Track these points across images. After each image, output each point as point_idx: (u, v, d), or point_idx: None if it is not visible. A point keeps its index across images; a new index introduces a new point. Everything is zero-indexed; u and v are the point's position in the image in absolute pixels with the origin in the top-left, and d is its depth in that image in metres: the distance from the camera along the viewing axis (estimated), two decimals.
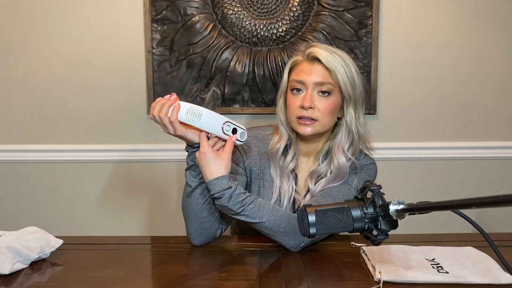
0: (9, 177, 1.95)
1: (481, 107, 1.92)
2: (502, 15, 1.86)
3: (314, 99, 1.14)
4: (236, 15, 1.83)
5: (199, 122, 1.02)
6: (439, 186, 1.97)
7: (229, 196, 1.03)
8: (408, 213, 0.78)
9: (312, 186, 1.21)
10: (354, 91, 1.16)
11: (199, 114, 1.01)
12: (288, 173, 1.22)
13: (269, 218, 1.07)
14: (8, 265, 0.95)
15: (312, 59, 1.15)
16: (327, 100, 1.15)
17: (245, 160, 1.23)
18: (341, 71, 1.14)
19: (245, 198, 1.06)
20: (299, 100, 1.15)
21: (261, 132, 1.27)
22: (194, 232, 1.13)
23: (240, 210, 1.05)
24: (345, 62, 1.15)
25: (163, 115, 1.02)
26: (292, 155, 1.22)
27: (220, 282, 0.95)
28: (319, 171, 1.21)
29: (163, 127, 1.04)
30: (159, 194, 1.97)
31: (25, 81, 1.89)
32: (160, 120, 1.03)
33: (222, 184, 1.03)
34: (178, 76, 1.87)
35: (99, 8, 1.84)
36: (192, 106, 1.01)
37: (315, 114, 1.14)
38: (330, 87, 1.14)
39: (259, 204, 1.07)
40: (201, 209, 1.11)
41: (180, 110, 1.01)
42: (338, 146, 1.19)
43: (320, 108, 1.14)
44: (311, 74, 1.14)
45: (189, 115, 1.01)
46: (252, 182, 1.24)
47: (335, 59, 1.14)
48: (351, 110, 1.18)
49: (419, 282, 0.91)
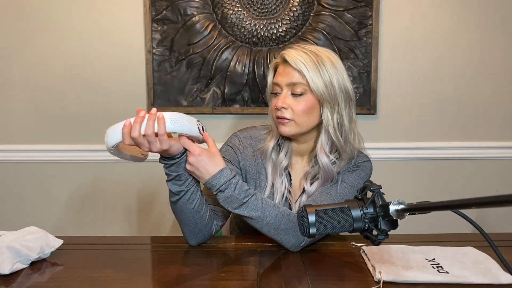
0: (9, 177, 1.95)
1: (481, 107, 1.92)
2: (503, 15, 1.86)
3: (288, 100, 1.15)
4: (236, 15, 1.83)
5: (182, 127, 0.96)
6: (439, 186, 1.97)
7: (235, 184, 1.04)
8: (408, 213, 0.78)
9: (308, 187, 1.21)
10: (328, 90, 1.13)
11: (180, 119, 0.95)
12: (281, 170, 1.22)
13: (270, 212, 1.07)
14: (8, 265, 0.95)
15: (284, 60, 1.16)
16: (300, 100, 1.14)
17: (240, 160, 1.23)
18: (309, 71, 1.11)
19: (248, 189, 1.07)
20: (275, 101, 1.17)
21: (256, 132, 1.28)
22: (189, 234, 1.13)
23: (245, 200, 1.05)
24: (319, 61, 1.12)
25: (150, 132, 0.94)
26: (285, 153, 1.23)
27: (220, 282, 0.95)
28: (313, 172, 1.21)
29: (145, 145, 0.96)
30: (159, 194, 1.97)
31: (25, 81, 1.89)
32: (144, 139, 0.95)
33: (227, 174, 1.04)
34: (178, 76, 1.87)
35: (99, 8, 1.84)
36: (172, 114, 0.94)
37: (289, 114, 1.15)
38: (303, 87, 1.13)
39: (261, 198, 1.08)
40: (193, 213, 1.09)
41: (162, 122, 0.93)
42: (320, 148, 1.18)
43: (294, 109, 1.15)
44: (284, 75, 1.15)
45: (173, 123, 0.94)
46: (248, 182, 1.24)
47: (306, 58, 1.12)
48: (327, 111, 1.15)
49: (419, 282, 0.91)
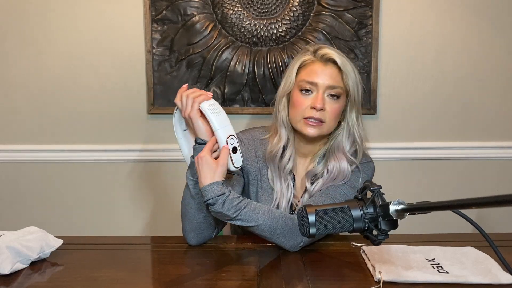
0: (9, 177, 1.95)
1: (481, 107, 1.92)
2: (502, 14, 1.86)
3: (325, 101, 1.14)
4: (236, 15, 1.83)
5: (214, 117, 1.05)
6: (439, 186, 1.97)
7: (222, 202, 1.01)
8: (408, 213, 0.78)
9: (309, 186, 1.20)
10: (359, 95, 1.18)
11: (219, 111, 1.06)
12: (286, 174, 1.21)
13: (265, 220, 1.05)
14: (8, 265, 0.95)
15: (326, 60, 1.14)
16: (335, 103, 1.15)
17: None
18: (352, 75, 1.15)
19: (239, 202, 1.04)
20: (309, 101, 1.14)
21: (258, 134, 1.27)
22: (190, 232, 1.12)
23: (235, 215, 1.03)
24: (352, 66, 1.16)
25: (193, 95, 1.05)
26: (289, 156, 1.21)
27: (220, 282, 0.95)
28: (315, 171, 1.20)
29: (183, 106, 1.07)
30: (159, 194, 1.97)
31: (25, 81, 1.89)
32: (185, 98, 1.06)
33: (216, 190, 1.01)
34: (178, 76, 1.87)
35: (99, 8, 1.84)
36: (217, 104, 1.08)
37: (324, 116, 1.14)
38: (340, 91, 1.15)
39: (254, 207, 1.06)
40: (200, 210, 1.10)
41: (207, 100, 1.07)
42: (338, 149, 1.19)
43: (329, 111, 1.14)
44: (325, 76, 1.14)
45: (211, 107, 1.06)
46: (249, 184, 1.24)
47: (347, 62, 1.15)
48: (354, 114, 1.18)
49: (419, 282, 0.91)
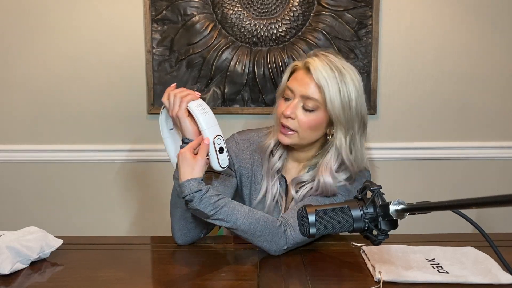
0: (9, 177, 1.95)
1: (481, 107, 1.92)
2: (502, 15, 1.86)
3: (297, 110, 1.11)
4: (236, 15, 1.83)
5: (202, 117, 1.06)
6: (439, 186, 1.97)
7: (199, 198, 0.99)
8: (408, 213, 0.78)
9: (294, 193, 1.18)
10: (344, 113, 1.09)
11: (206, 111, 1.07)
12: (274, 172, 1.20)
13: (243, 221, 1.03)
14: (8, 265, 0.95)
15: (306, 68, 1.11)
16: (309, 115, 1.11)
17: (235, 163, 1.22)
18: (331, 90, 1.07)
19: (217, 200, 1.01)
20: (285, 107, 1.12)
21: (255, 136, 1.26)
22: (178, 231, 1.12)
23: (212, 213, 1.01)
24: (342, 81, 1.08)
25: (181, 95, 1.05)
26: (279, 155, 1.20)
27: (219, 282, 0.95)
28: (300, 179, 1.18)
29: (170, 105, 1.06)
30: (159, 194, 1.97)
31: (25, 81, 1.89)
32: (173, 98, 1.06)
33: (193, 186, 0.99)
34: (178, 76, 1.87)
35: (99, 8, 1.84)
36: (204, 104, 1.08)
37: (294, 125, 1.11)
38: (316, 104, 1.09)
39: (233, 207, 1.04)
40: (187, 209, 1.08)
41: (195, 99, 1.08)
42: (325, 166, 1.13)
43: (300, 121, 1.11)
44: (302, 85, 1.10)
45: (198, 107, 1.07)
46: (243, 186, 1.23)
47: (330, 75, 1.07)
48: (341, 134, 1.11)
49: (419, 282, 0.91)
